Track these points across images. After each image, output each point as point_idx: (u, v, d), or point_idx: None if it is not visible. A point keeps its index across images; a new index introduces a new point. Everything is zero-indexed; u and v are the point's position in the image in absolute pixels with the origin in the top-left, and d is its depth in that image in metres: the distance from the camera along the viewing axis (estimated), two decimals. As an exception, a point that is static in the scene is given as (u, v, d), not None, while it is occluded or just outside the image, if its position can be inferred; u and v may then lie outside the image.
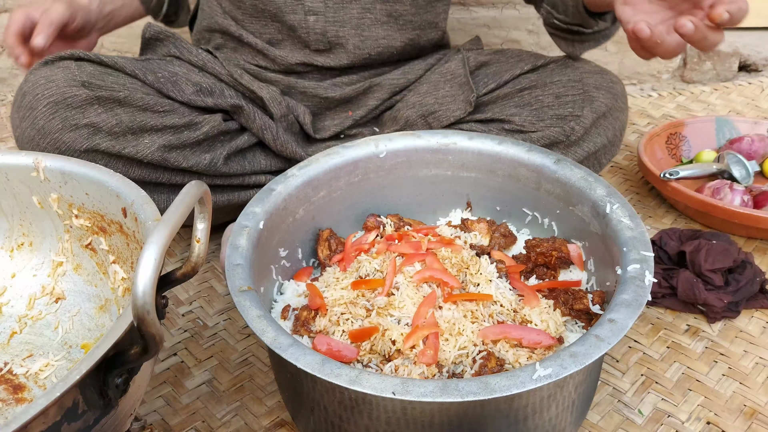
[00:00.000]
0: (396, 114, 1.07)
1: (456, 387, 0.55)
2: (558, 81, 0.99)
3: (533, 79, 1.02)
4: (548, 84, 1.00)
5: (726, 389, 0.82)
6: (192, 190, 0.48)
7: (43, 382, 0.68)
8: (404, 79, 1.09)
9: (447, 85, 1.05)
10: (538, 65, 1.03)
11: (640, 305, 0.62)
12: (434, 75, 1.08)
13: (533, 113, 0.98)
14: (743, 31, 1.69)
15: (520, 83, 1.02)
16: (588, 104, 0.98)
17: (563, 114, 0.97)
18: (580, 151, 0.99)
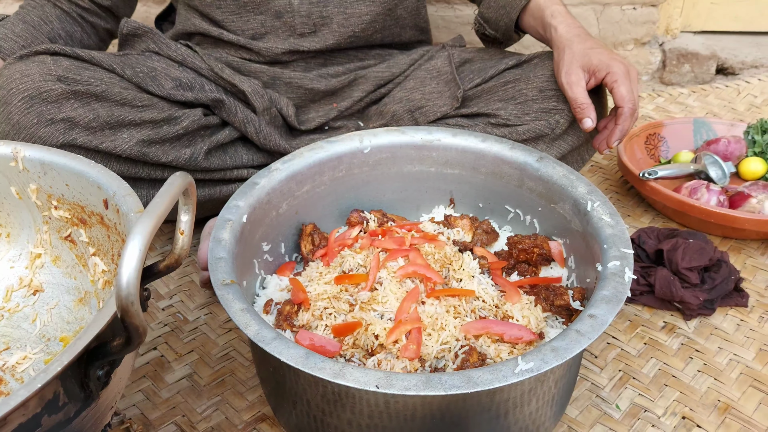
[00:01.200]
0: (382, 108, 1.08)
1: (439, 381, 0.55)
2: (542, 75, 1.01)
3: (517, 74, 1.03)
4: (532, 78, 1.01)
5: (701, 385, 0.83)
6: (177, 181, 0.48)
7: (21, 375, 0.67)
8: (389, 73, 1.09)
9: (433, 82, 1.06)
10: (522, 61, 1.04)
11: (619, 301, 0.63)
12: (420, 71, 1.08)
13: (518, 107, 0.99)
14: (721, 35, 1.72)
15: (504, 77, 1.03)
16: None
17: (548, 108, 0.98)
18: (564, 145, 1.00)
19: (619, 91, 0.89)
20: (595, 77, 0.93)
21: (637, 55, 1.67)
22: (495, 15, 1.07)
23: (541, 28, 1.01)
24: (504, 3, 1.05)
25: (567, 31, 0.96)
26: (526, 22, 1.05)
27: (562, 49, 0.95)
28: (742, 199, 1.10)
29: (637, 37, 1.63)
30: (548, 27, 0.99)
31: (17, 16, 1.03)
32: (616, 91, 0.90)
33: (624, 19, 1.61)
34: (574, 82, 0.92)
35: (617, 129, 0.92)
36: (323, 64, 1.09)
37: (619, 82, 0.89)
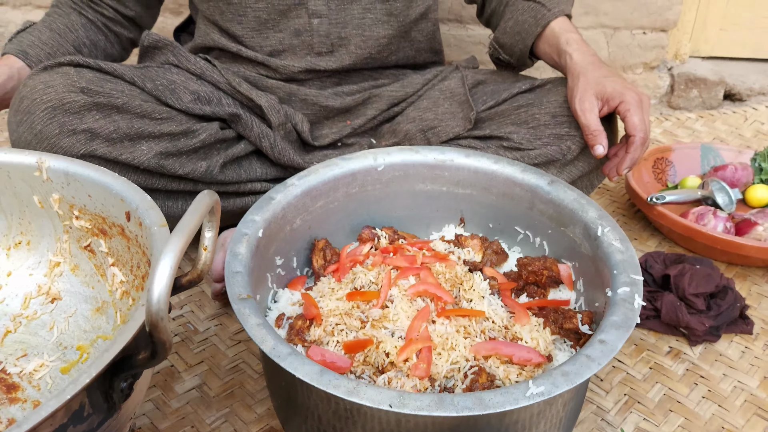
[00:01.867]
0: (396, 127, 1.09)
1: (452, 402, 0.56)
2: (554, 101, 1.02)
3: (530, 98, 1.04)
4: (545, 103, 1.03)
5: (705, 411, 0.84)
6: (205, 199, 0.49)
7: (38, 383, 0.68)
8: (402, 92, 1.11)
9: (447, 102, 1.07)
10: (536, 85, 1.06)
11: (629, 327, 0.64)
12: (434, 92, 1.10)
13: (530, 131, 1.01)
14: (729, 61, 1.75)
15: (517, 101, 1.05)
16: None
17: (560, 133, 1.00)
18: (575, 171, 1.01)
19: (631, 120, 0.91)
20: (608, 105, 0.94)
21: (646, 79, 1.68)
22: (510, 41, 1.09)
23: (556, 54, 1.03)
24: (519, 29, 1.07)
25: (582, 58, 0.98)
26: (541, 48, 1.07)
27: (576, 75, 0.97)
28: (749, 227, 1.11)
29: (646, 61, 1.65)
30: (563, 54, 1.01)
31: (43, 23, 1.05)
32: (628, 120, 0.91)
33: (634, 43, 1.63)
34: (588, 108, 0.93)
35: (628, 157, 0.94)
36: (338, 82, 1.10)
37: (632, 111, 0.91)
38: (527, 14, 1.06)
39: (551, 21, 1.04)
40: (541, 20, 1.04)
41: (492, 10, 1.14)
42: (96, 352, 0.70)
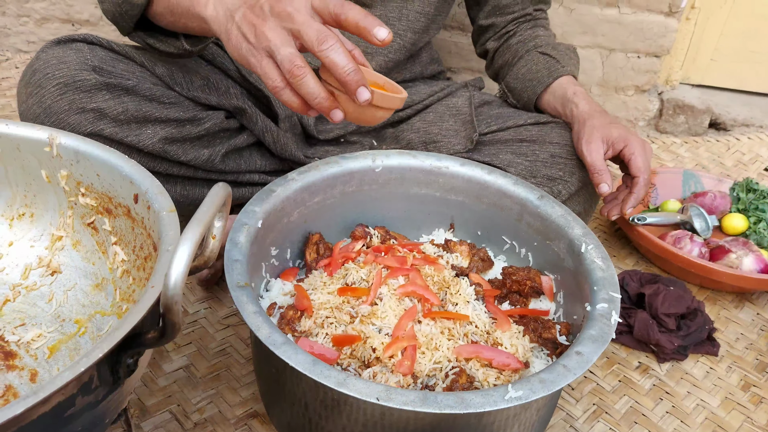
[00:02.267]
0: (399, 134, 1.12)
1: (435, 399, 0.60)
2: (557, 143, 1.07)
3: (534, 134, 1.09)
4: (547, 143, 1.08)
5: (668, 426, 0.89)
6: (220, 192, 0.52)
7: (35, 352, 0.70)
8: (409, 99, 1.14)
9: (452, 119, 1.11)
10: (541, 121, 1.11)
11: (605, 342, 0.68)
12: (441, 106, 1.14)
13: (527, 167, 1.06)
14: (717, 91, 1.80)
15: (521, 134, 1.09)
16: (578, 171, 1.06)
17: (554, 176, 1.05)
18: None
19: (635, 162, 0.98)
20: (613, 148, 1.00)
21: (636, 101, 1.74)
22: (521, 86, 1.17)
23: (560, 105, 1.11)
24: (532, 77, 1.15)
25: (588, 108, 1.06)
26: (545, 99, 1.15)
27: (582, 121, 1.04)
28: (722, 253, 1.16)
29: (638, 84, 1.70)
30: (568, 103, 1.09)
31: None
32: (633, 162, 0.99)
33: (628, 65, 1.67)
34: (594, 149, 0.99)
35: (632, 197, 1.01)
36: None
37: (636, 153, 0.98)
38: (542, 65, 1.14)
39: (562, 76, 1.13)
40: (554, 73, 1.13)
41: (504, 62, 1.21)
42: (93, 326, 0.72)
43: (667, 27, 1.61)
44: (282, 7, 0.66)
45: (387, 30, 0.65)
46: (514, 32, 1.21)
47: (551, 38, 1.21)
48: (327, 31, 0.65)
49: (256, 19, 0.67)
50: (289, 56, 0.66)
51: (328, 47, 0.64)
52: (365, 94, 0.66)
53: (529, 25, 1.21)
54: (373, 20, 0.65)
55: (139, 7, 0.84)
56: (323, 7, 0.67)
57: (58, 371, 0.68)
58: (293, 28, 0.66)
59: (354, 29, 0.66)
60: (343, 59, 0.64)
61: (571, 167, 1.06)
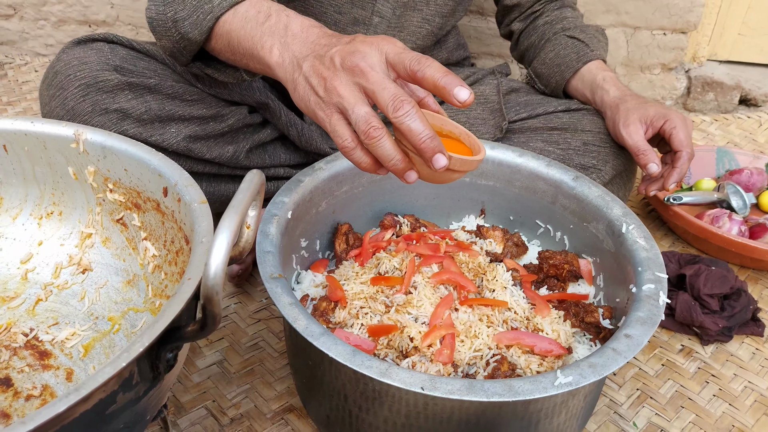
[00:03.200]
0: None
1: (482, 387, 0.58)
2: (589, 130, 1.05)
3: (565, 121, 1.06)
4: (579, 131, 1.05)
5: (716, 409, 0.86)
6: (255, 179, 0.50)
7: (70, 351, 0.69)
8: None
9: (479, 108, 1.09)
10: (572, 108, 1.08)
11: (654, 324, 0.66)
12: None
13: (559, 156, 1.03)
14: (746, 66, 1.75)
15: (552, 121, 1.07)
16: (611, 160, 1.03)
17: (587, 164, 1.02)
18: None
19: (678, 137, 0.95)
20: (652, 127, 0.97)
21: (663, 80, 1.69)
22: (548, 72, 1.14)
23: (589, 91, 1.07)
24: (560, 62, 1.11)
25: (619, 92, 1.03)
26: (573, 85, 1.12)
27: (615, 106, 1.00)
28: (763, 231, 1.12)
29: (664, 62, 1.66)
30: (598, 90, 1.05)
31: None
32: (674, 137, 0.95)
33: (653, 43, 1.63)
34: (633, 131, 0.96)
35: (675, 171, 0.97)
36: None
37: (678, 128, 0.95)
38: (570, 50, 1.11)
39: (591, 60, 1.09)
40: (583, 57, 1.09)
41: (530, 44, 1.17)
42: (127, 323, 0.71)
43: (694, 2, 1.56)
44: (355, 62, 0.61)
45: (469, 91, 0.60)
46: (541, 12, 1.17)
47: (579, 19, 1.17)
48: (402, 95, 0.60)
49: (326, 71, 0.62)
50: (364, 116, 0.61)
51: (404, 114, 0.59)
52: (442, 162, 0.60)
53: (556, 5, 1.17)
54: (453, 79, 0.60)
55: (197, 44, 0.79)
56: (398, 63, 0.62)
57: (94, 369, 0.67)
58: (367, 87, 0.61)
59: (432, 88, 0.61)
60: (420, 126, 0.59)
61: (604, 155, 1.03)
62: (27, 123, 0.74)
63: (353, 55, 0.61)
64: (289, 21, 0.70)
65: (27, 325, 0.72)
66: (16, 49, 1.79)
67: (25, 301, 0.74)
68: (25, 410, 0.64)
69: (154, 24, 0.81)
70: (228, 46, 0.77)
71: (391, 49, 0.62)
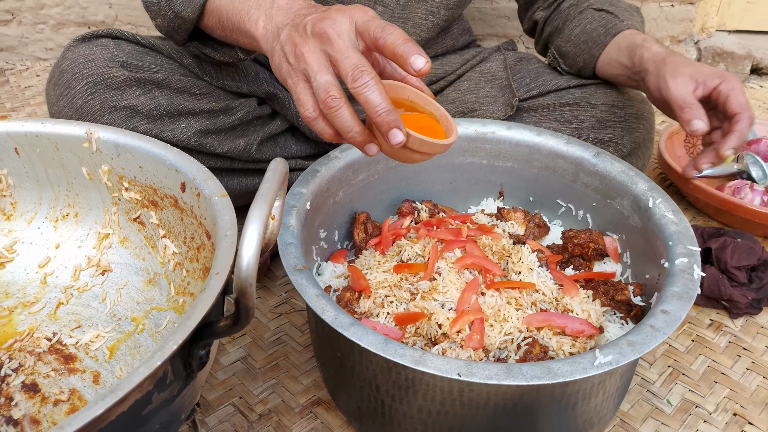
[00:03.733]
0: None
1: (520, 371, 0.56)
2: (602, 104, 1.00)
3: (577, 97, 1.02)
4: (591, 105, 1.00)
5: (751, 383, 0.84)
6: (279, 167, 0.49)
7: (95, 353, 0.68)
8: (441, 70, 1.09)
9: (488, 86, 1.06)
10: (583, 83, 1.03)
11: (690, 298, 0.64)
12: (475, 73, 1.09)
13: (573, 132, 0.99)
14: (756, 35, 1.72)
15: (563, 98, 1.03)
16: (628, 133, 1.00)
17: (603, 139, 0.99)
18: None
19: (736, 98, 0.83)
20: (704, 86, 0.85)
21: (673, 53, 1.66)
22: (574, 49, 1.03)
23: (627, 56, 0.95)
24: (587, 38, 1.01)
25: (665, 50, 0.91)
26: (604, 62, 1.00)
27: (661, 60, 0.88)
28: (786, 200, 1.10)
29: (673, 34, 1.63)
30: (637, 49, 0.93)
31: None
32: (733, 99, 0.83)
33: (662, 16, 1.60)
34: (681, 83, 0.84)
35: (733, 135, 0.83)
36: None
37: (736, 90, 0.83)
38: (597, 23, 1.00)
39: (622, 31, 0.98)
40: (612, 29, 0.99)
41: (553, 28, 1.08)
42: (151, 323, 0.70)
43: (701, -29, 1.53)
44: (323, 29, 0.61)
45: (425, 59, 0.59)
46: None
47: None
48: (364, 65, 0.59)
49: (298, 38, 0.62)
50: (324, 85, 0.60)
51: (362, 84, 0.58)
52: (398, 137, 0.59)
53: None
54: (412, 47, 0.59)
55: (190, 22, 0.80)
56: (365, 30, 0.61)
57: (121, 371, 0.66)
58: (332, 54, 0.61)
59: (391, 56, 0.60)
60: (377, 98, 0.58)
61: (620, 129, 1.00)
62: (38, 124, 0.72)
63: (323, 21, 0.61)
64: None
65: (50, 330, 0.70)
66: (16, 55, 1.77)
67: (46, 305, 0.73)
68: (54, 416, 0.63)
69: (149, 3, 0.82)
70: (218, 22, 0.77)
71: (360, 17, 0.62)
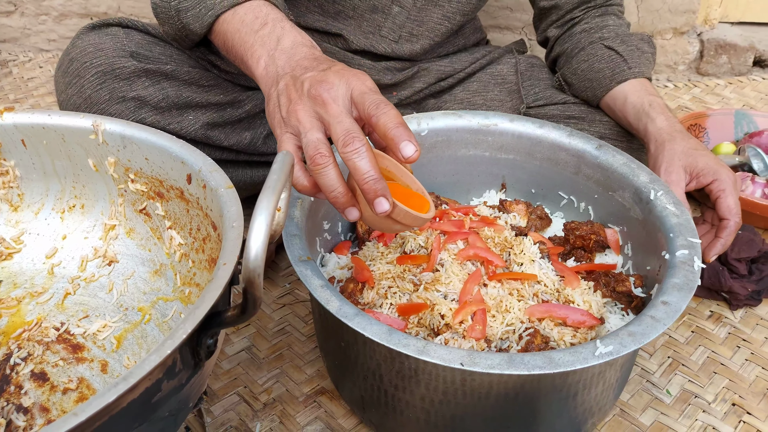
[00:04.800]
0: (442, 105, 1.09)
1: (522, 360, 0.57)
2: (607, 121, 1.02)
3: (582, 110, 1.03)
4: (596, 121, 1.02)
5: (749, 373, 0.85)
6: (286, 158, 0.49)
7: (102, 343, 0.69)
8: (451, 68, 1.09)
9: (497, 89, 1.07)
10: None
11: (691, 289, 0.65)
12: (485, 75, 1.09)
13: None
14: (759, 27, 1.72)
15: (569, 110, 1.04)
16: (629, 152, 0.99)
17: None
18: None
19: (726, 202, 0.83)
20: (697, 181, 0.85)
21: (675, 45, 1.66)
22: (579, 84, 1.04)
23: (633, 116, 0.95)
24: (592, 77, 1.01)
25: (668, 125, 0.90)
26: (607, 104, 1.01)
27: (661, 143, 0.89)
28: (787, 193, 1.11)
29: (676, 26, 1.63)
30: (643, 117, 0.93)
31: None
32: (722, 201, 0.83)
33: (664, 8, 1.60)
34: (674, 181, 0.85)
35: (718, 242, 0.83)
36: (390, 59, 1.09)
37: (727, 191, 0.83)
38: (604, 64, 1.00)
39: (628, 80, 0.98)
40: (618, 76, 0.98)
41: (562, 51, 1.08)
42: (157, 313, 0.71)
43: (705, -38, 1.53)
44: (319, 92, 0.61)
45: (415, 148, 0.59)
46: (580, 19, 1.06)
47: (623, 28, 1.04)
48: (356, 132, 0.59)
49: (293, 94, 0.63)
50: (315, 142, 0.60)
51: (352, 150, 0.58)
52: (383, 206, 0.59)
53: (599, 12, 1.06)
54: (403, 132, 0.59)
55: (198, 36, 0.80)
56: (360, 102, 0.61)
57: (129, 360, 0.67)
58: (325, 117, 0.61)
59: (382, 136, 0.60)
60: (366, 165, 0.58)
61: (623, 147, 1.01)
62: (44, 116, 0.73)
63: (320, 84, 0.61)
64: (282, 34, 0.69)
65: (57, 320, 0.71)
66: (18, 46, 1.77)
67: (54, 295, 0.74)
68: (63, 404, 0.64)
69: (158, 11, 0.81)
70: (224, 46, 0.77)
71: (357, 87, 0.62)
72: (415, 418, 0.68)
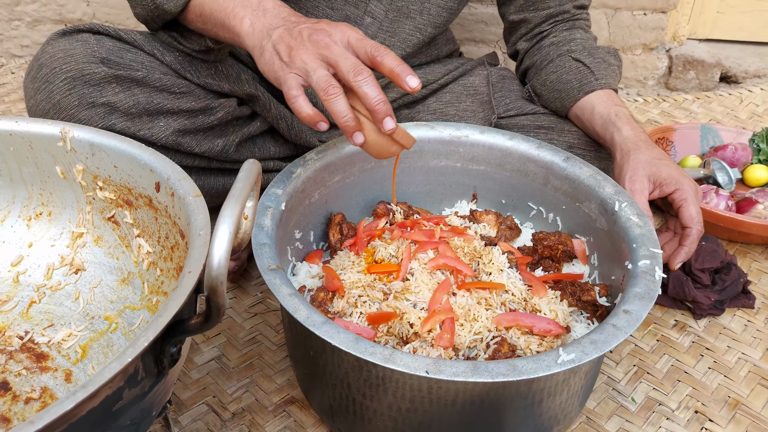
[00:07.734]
0: (415, 115, 1.10)
1: (486, 368, 0.58)
2: (575, 131, 1.04)
3: (552, 120, 1.05)
4: (565, 131, 1.04)
5: (712, 381, 0.87)
6: (253, 168, 0.50)
7: (67, 352, 0.68)
8: (424, 78, 1.10)
9: (469, 100, 1.08)
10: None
11: (651, 299, 0.66)
12: (457, 86, 1.11)
13: None
14: (726, 44, 1.77)
15: (540, 120, 1.06)
16: (597, 162, 1.02)
17: None
18: None
19: (688, 211, 0.85)
20: (660, 190, 0.88)
21: (645, 60, 1.70)
22: (548, 95, 1.06)
23: (600, 126, 0.97)
24: (561, 88, 1.03)
25: (634, 135, 0.92)
26: (575, 114, 1.03)
27: (626, 152, 0.91)
28: (749, 205, 1.14)
29: (645, 42, 1.67)
30: (610, 126, 0.95)
31: None
32: (684, 211, 0.85)
33: (634, 24, 1.64)
34: (638, 190, 0.86)
35: (682, 250, 0.86)
36: None
37: (688, 201, 0.85)
38: (572, 75, 1.02)
39: (594, 90, 1.00)
40: (585, 87, 1.01)
41: (531, 63, 1.10)
42: (124, 322, 0.70)
43: (673, -19, 1.57)
44: (320, 37, 0.71)
45: (418, 81, 0.71)
46: (548, 33, 1.09)
47: (589, 41, 1.07)
48: (362, 64, 0.70)
49: (293, 41, 0.71)
50: (326, 76, 0.69)
51: (363, 79, 0.69)
52: (390, 124, 0.71)
53: (566, 26, 1.08)
54: (406, 68, 0.71)
55: (171, 15, 0.84)
56: (360, 47, 0.71)
57: (93, 369, 0.66)
58: (330, 57, 0.70)
59: (388, 73, 0.71)
60: (375, 91, 0.69)
61: (591, 157, 1.03)
62: (12, 122, 0.72)
63: (319, 32, 0.71)
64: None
65: (22, 328, 0.70)
66: (-9, 51, 1.75)
67: (18, 303, 0.73)
68: (25, 413, 0.63)
69: None
70: (200, 16, 0.82)
71: (353, 35, 0.72)
72: (383, 426, 0.69)
